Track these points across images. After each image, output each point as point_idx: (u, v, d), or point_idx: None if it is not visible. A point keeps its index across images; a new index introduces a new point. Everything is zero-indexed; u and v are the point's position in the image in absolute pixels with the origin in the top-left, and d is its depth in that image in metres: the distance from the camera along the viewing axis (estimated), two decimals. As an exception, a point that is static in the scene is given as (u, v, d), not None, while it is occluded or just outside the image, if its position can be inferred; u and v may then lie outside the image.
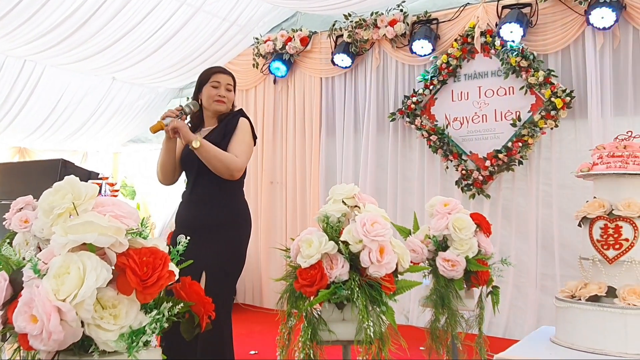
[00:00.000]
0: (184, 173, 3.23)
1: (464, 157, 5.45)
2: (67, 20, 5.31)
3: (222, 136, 3.03)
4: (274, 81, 6.68)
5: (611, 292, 2.49)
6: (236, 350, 3.20)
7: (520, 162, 5.15)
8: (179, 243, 1.57)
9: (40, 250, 1.60)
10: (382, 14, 5.82)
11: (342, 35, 6.05)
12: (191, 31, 6.03)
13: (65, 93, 6.54)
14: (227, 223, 2.97)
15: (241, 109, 3.23)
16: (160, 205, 6.61)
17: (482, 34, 5.32)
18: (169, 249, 1.50)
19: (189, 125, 3.23)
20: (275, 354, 4.61)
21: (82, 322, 1.31)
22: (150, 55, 6.20)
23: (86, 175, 5.75)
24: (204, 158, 2.90)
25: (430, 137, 5.57)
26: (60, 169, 5.66)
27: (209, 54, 6.35)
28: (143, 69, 6.47)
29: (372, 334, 2.03)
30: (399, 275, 2.25)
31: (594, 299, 2.50)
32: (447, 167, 5.55)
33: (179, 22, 5.83)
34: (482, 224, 2.97)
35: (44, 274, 1.32)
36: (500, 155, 5.19)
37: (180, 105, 3.07)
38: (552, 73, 5.00)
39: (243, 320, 5.74)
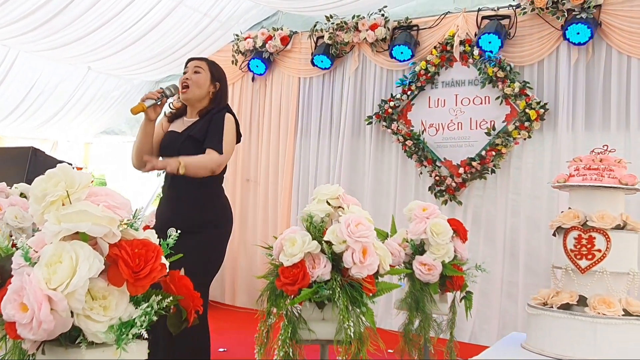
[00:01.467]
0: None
1: (438, 163, 5.52)
2: (45, 6, 5.19)
3: (205, 130, 2.98)
4: (252, 79, 6.66)
5: (582, 301, 2.56)
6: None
7: (493, 171, 5.25)
8: (169, 236, 1.57)
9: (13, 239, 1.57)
10: (364, 17, 5.85)
11: (322, 37, 6.07)
12: (171, 25, 5.97)
13: (39, 80, 6.41)
14: (208, 221, 2.94)
15: (227, 105, 3.16)
16: (131, 198, 6.52)
17: (461, 42, 5.39)
18: (159, 241, 1.50)
19: (172, 111, 3.19)
20: (244, 351, 4.60)
21: (71, 313, 1.30)
22: (129, 47, 6.11)
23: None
24: (192, 174, 2.82)
25: (406, 142, 5.63)
26: (31, 157, 5.53)
27: (188, 48, 6.30)
28: (120, 60, 6.38)
29: (351, 334, 2.05)
30: (379, 277, 2.28)
31: (566, 307, 2.56)
32: (421, 173, 5.62)
33: (160, 15, 5.76)
34: (459, 230, 3.03)
35: (35, 262, 1.31)
36: (474, 163, 5.27)
37: (161, 88, 3.01)
38: (528, 85, 5.10)
39: (212, 318, 5.68)
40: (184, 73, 3.08)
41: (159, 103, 2.93)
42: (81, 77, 6.67)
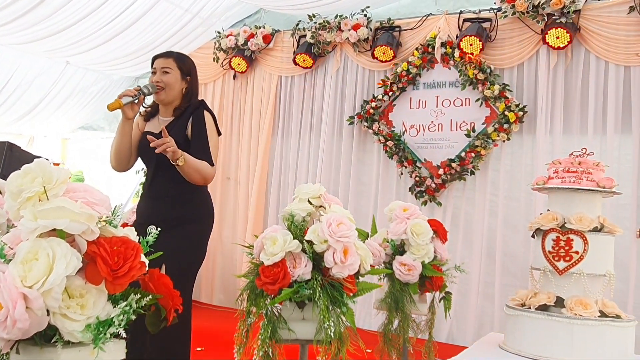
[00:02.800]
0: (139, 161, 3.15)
1: (418, 164, 5.55)
2: (22, -1, 5.11)
3: (182, 130, 2.95)
4: (234, 76, 6.62)
5: (559, 302, 2.59)
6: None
7: (472, 172, 5.29)
8: (149, 234, 1.54)
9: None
10: (346, 17, 5.86)
11: (305, 36, 6.06)
12: (152, 20, 5.90)
13: (16, 74, 6.28)
14: (189, 217, 2.92)
15: (202, 101, 3.12)
16: (110, 195, 6.42)
17: (443, 44, 5.42)
18: (139, 239, 1.47)
19: (146, 111, 3.16)
20: (222, 350, 4.57)
21: (47, 311, 1.27)
22: (108, 42, 6.03)
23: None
24: (185, 172, 2.80)
25: (387, 143, 5.64)
26: (6, 152, 5.42)
27: (169, 44, 6.23)
28: (99, 54, 6.29)
29: (332, 334, 2.04)
30: (359, 277, 2.28)
31: (543, 308, 2.59)
32: (402, 173, 5.64)
33: (141, 10, 5.69)
34: (439, 231, 3.04)
35: (10, 259, 1.27)
36: (454, 165, 5.31)
37: (139, 86, 2.98)
38: (507, 87, 5.15)
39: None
40: (153, 73, 3.04)
41: (136, 101, 2.90)
42: (59, 72, 6.56)
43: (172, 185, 2.91)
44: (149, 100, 3.14)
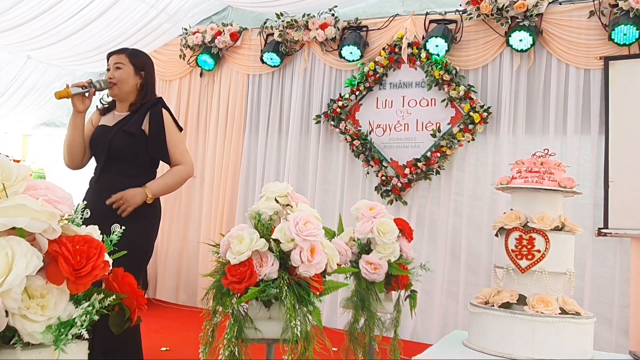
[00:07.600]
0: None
1: (384, 163, 5.59)
2: (-20, -9, 4.96)
3: (140, 122, 2.95)
4: (201, 74, 6.56)
5: (522, 300, 2.63)
6: (147, 347, 3.12)
7: (438, 172, 5.35)
8: (113, 232, 1.52)
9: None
10: (314, 16, 5.86)
11: (272, 34, 6.05)
12: (116, 15, 5.79)
13: (-27, 68, 6.12)
14: (135, 212, 2.87)
15: (160, 98, 3.11)
16: (71, 192, 6.27)
17: (409, 45, 5.48)
18: (102, 237, 1.45)
19: (105, 106, 3.11)
20: (187, 350, 4.52)
21: (6, 312, 1.24)
22: (71, 36, 5.89)
23: (-8, 157, 5.37)
24: (163, 195, 3.00)
25: (354, 142, 5.67)
26: (-37, 148, 5.28)
27: (134, 40, 6.13)
28: (61, 49, 6.14)
29: (298, 333, 2.04)
30: (326, 276, 2.28)
31: (506, 305, 2.63)
32: (368, 173, 5.68)
33: (105, 5, 5.57)
34: (405, 230, 3.07)
35: (-33, 259, 1.23)
36: (419, 164, 5.36)
37: (90, 79, 2.96)
38: (472, 88, 5.23)
39: (155, 316, 5.58)
40: (107, 70, 3.03)
41: (86, 94, 2.90)
42: (20, 66, 6.39)
43: (121, 179, 2.90)
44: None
